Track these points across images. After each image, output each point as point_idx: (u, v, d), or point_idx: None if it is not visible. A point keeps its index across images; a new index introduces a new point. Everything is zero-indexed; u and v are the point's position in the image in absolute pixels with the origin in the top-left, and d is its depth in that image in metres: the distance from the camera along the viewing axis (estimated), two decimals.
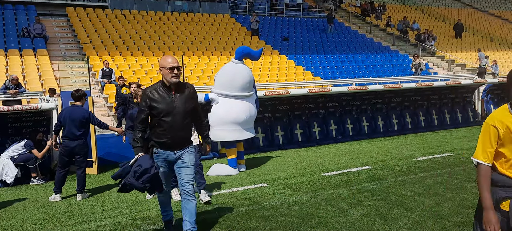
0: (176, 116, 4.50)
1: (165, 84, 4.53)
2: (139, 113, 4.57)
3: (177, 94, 4.54)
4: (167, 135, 4.53)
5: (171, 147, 4.61)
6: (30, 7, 20.33)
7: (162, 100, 4.48)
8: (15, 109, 8.63)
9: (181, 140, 4.63)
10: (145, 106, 4.52)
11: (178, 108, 4.51)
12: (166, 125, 4.50)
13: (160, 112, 4.47)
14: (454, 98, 14.53)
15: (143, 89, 4.70)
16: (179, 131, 4.55)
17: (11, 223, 5.93)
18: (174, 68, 4.44)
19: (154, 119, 4.54)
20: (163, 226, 5.31)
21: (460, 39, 29.62)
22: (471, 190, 6.47)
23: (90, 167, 9.02)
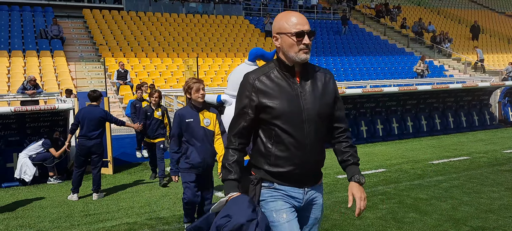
0: (308, 121, 2.43)
1: (283, 65, 2.46)
2: (236, 119, 2.53)
3: (305, 82, 2.47)
4: (292, 158, 2.44)
5: (299, 181, 2.51)
6: (47, 9, 20.68)
7: (281, 92, 2.42)
8: (33, 109, 8.77)
9: (316, 166, 2.58)
10: (249, 104, 2.44)
11: (310, 108, 2.43)
12: (289, 139, 2.41)
13: (279, 114, 2.41)
14: (470, 101, 14.33)
15: (247, 74, 2.52)
16: (312, 149, 2.46)
17: (29, 222, 6.03)
18: (304, 33, 2.39)
19: (266, 126, 2.46)
20: (178, 227, 5.35)
21: (476, 41, 29.21)
22: (489, 194, 6.38)
23: (106, 167, 9.12)
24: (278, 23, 2.44)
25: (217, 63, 18.89)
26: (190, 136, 4.92)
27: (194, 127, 4.91)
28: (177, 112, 5.01)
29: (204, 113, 5.00)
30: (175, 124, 4.97)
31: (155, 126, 8.18)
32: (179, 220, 5.78)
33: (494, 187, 6.78)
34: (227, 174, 2.49)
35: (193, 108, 4.96)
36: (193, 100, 4.95)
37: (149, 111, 8.18)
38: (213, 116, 5.08)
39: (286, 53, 2.41)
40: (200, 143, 4.93)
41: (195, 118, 4.93)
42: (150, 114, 8.17)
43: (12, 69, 15.51)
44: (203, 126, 4.96)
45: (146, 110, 8.21)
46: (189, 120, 4.92)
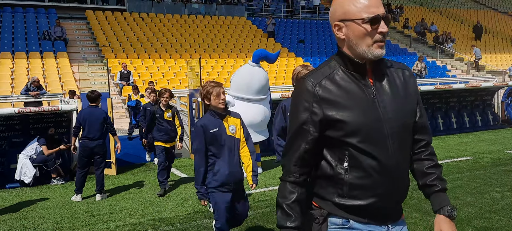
0: (392, 136, 1.83)
1: (351, 62, 1.86)
2: (293, 140, 1.89)
3: (381, 83, 1.88)
4: (374, 186, 1.84)
5: (381, 216, 1.91)
6: (50, 10, 20.75)
7: (352, 99, 1.82)
8: (36, 110, 8.81)
9: (403, 195, 2.00)
10: (310, 120, 1.83)
11: (392, 118, 1.84)
12: (369, 161, 1.81)
13: (353, 130, 1.80)
14: (473, 101, 14.30)
15: (302, 78, 1.90)
16: (399, 172, 1.89)
17: (33, 222, 6.06)
18: (380, 18, 1.79)
19: (335, 146, 1.85)
20: (181, 227, 5.36)
21: (479, 41, 29.14)
22: (492, 194, 6.37)
23: (109, 168, 9.15)
24: (342, 6, 1.81)
25: (220, 64, 18.91)
26: (217, 149, 4.13)
27: (220, 137, 4.13)
28: (198, 124, 4.17)
29: (228, 119, 4.26)
30: (198, 137, 4.13)
31: (166, 128, 7.40)
32: (182, 221, 5.80)
33: (497, 187, 6.77)
34: (286, 219, 1.83)
35: (216, 115, 4.18)
36: (213, 107, 4.16)
37: (158, 113, 7.31)
38: (237, 121, 4.34)
39: (355, 47, 1.80)
40: (228, 155, 4.16)
41: (220, 126, 4.16)
42: (159, 116, 7.33)
43: (15, 71, 15.57)
44: (229, 135, 4.20)
45: (154, 112, 7.36)
46: (213, 130, 4.12)
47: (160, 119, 7.42)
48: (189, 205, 6.54)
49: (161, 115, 7.41)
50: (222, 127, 4.16)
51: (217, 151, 4.11)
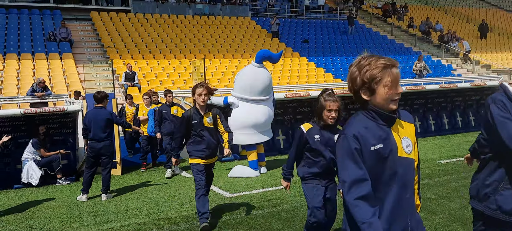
0: None
1: None
2: None
3: None
4: None
5: None
6: (56, 12, 20.86)
7: None
8: (42, 111, 8.86)
9: None
10: None
11: None
12: None
13: None
14: (479, 100, 14.22)
15: None
16: None
17: (39, 222, 6.10)
18: None
19: None
20: (186, 227, 5.38)
21: (485, 40, 29.00)
22: None
23: (114, 168, 9.19)
24: None
25: (224, 64, 18.94)
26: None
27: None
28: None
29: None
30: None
31: (208, 140, 5.80)
32: (186, 221, 5.82)
33: None
34: None
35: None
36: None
37: (195, 119, 5.45)
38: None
39: None
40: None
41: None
42: (198, 123, 5.47)
43: (21, 72, 15.67)
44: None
45: (190, 117, 5.44)
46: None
47: (198, 127, 5.37)
48: (194, 205, 6.53)
49: (200, 121, 5.37)
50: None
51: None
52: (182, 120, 5.47)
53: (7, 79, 15.00)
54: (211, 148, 5.46)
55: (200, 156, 5.40)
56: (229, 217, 5.85)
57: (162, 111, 9.03)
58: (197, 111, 5.40)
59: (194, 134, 5.40)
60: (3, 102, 12.51)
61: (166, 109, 8.98)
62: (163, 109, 9.05)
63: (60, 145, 9.20)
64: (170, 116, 8.91)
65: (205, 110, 5.43)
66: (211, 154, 5.50)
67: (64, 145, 9.27)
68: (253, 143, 8.55)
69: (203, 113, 5.42)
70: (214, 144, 5.48)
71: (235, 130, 8.59)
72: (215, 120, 5.52)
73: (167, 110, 8.97)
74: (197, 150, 5.39)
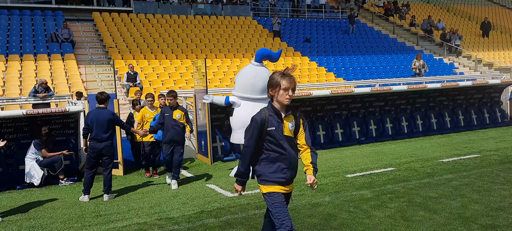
0: None
1: None
2: None
3: None
4: None
5: None
6: (58, 13, 20.91)
7: None
8: (44, 112, 8.89)
9: None
10: None
11: None
12: None
13: None
14: (481, 98, 14.20)
15: None
16: None
17: (41, 222, 6.12)
18: None
19: None
20: (188, 226, 5.40)
21: (487, 38, 28.91)
22: (499, 192, 6.33)
23: (116, 168, 9.21)
24: None
25: (226, 64, 18.95)
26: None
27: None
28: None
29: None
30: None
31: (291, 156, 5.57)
32: (188, 220, 5.83)
33: (504, 185, 6.73)
34: None
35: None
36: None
37: (272, 124, 4.04)
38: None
39: None
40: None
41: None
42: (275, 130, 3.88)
43: (24, 73, 15.72)
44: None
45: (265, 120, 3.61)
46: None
47: (277, 136, 3.65)
48: (195, 205, 6.58)
49: (280, 128, 3.66)
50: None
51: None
52: (255, 125, 3.65)
53: (9, 80, 15.05)
54: (294, 168, 3.72)
55: (279, 180, 3.66)
56: (230, 216, 5.87)
57: (164, 113, 8.00)
58: (274, 113, 3.66)
59: (270, 147, 3.65)
60: (6, 103, 12.55)
61: (168, 113, 7.95)
62: (165, 112, 8.00)
63: (62, 146, 9.23)
64: (171, 121, 7.86)
65: (287, 111, 3.69)
66: (293, 177, 3.74)
67: (66, 146, 9.31)
68: None
69: (284, 117, 3.66)
70: (297, 161, 3.75)
71: (236, 129, 8.60)
72: (297, 127, 3.74)
73: (169, 114, 7.95)
74: (274, 171, 3.65)
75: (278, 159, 3.66)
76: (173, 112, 7.92)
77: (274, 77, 3.70)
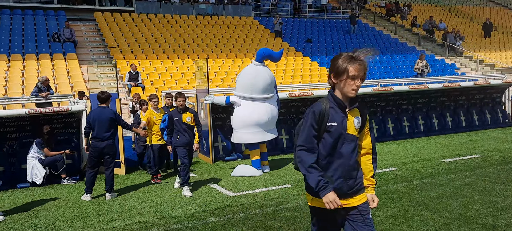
0: None
1: None
2: None
3: None
4: None
5: None
6: (60, 12, 20.95)
7: None
8: (46, 111, 8.92)
9: None
10: None
11: None
12: None
13: None
14: (482, 99, 14.20)
15: None
16: None
17: (44, 221, 6.15)
18: None
19: None
20: (189, 226, 5.41)
21: (489, 39, 28.88)
22: (501, 192, 6.34)
23: (118, 168, 9.24)
24: None
25: (227, 64, 18.96)
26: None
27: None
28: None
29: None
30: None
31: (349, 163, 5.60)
32: (190, 219, 5.85)
33: (506, 185, 6.74)
34: None
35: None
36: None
37: None
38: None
39: None
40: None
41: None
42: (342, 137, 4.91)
43: (26, 72, 15.75)
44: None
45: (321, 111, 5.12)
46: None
47: (338, 135, 2.91)
48: (197, 204, 6.59)
49: (343, 124, 2.93)
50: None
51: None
52: (311, 118, 2.89)
53: (11, 80, 15.09)
54: (352, 177, 2.92)
55: None
56: (232, 215, 5.88)
57: (172, 118, 7.57)
58: (337, 105, 2.92)
59: (324, 148, 2.90)
60: (8, 102, 12.59)
61: (176, 117, 7.49)
62: (173, 116, 7.55)
63: (64, 145, 9.26)
64: (182, 125, 7.45)
65: (351, 104, 2.97)
66: (350, 190, 2.92)
67: (68, 145, 9.34)
68: (257, 142, 8.58)
69: (348, 110, 2.95)
70: (356, 169, 2.96)
71: (237, 128, 8.63)
72: (363, 124, 3.01)
73: (179, 118, 7.49)
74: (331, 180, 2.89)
75: (332, 164, 2.87)
76: (182, 116, 7.46)
77: (340, 61, 2.89)
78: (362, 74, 2.85)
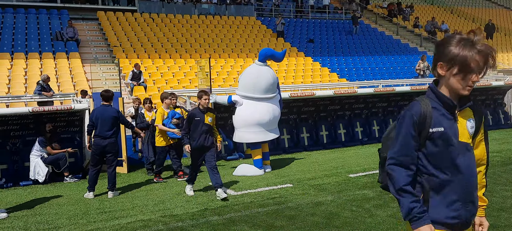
0: None
1: None
2: None
3: None
4: None
5: None
6: (63, 11, 21.03)
7: None
8: (49, 110, 8.98)
9: None
10: None
11: None
12: None
13: None
14: (484, 100, 14.21)
15: None
16: None
17: (47, 219, 6.20)
18: None
19: None
20: (191, 224, 5.45)
21: (491, 40, 28.86)
22: (501, 193, 6.36)
23: (121, 166, 9.29)
24: None
25: (229, 64, 19.01)
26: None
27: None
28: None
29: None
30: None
31: None
32: (192, 217, 5.89)
33: (506, 186, 6.76)
34: None
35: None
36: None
37: None
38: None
39: None
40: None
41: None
42: None
43: (29, 71, 15.82)
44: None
45: None
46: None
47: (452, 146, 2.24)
48: (199, 202, 6.64)
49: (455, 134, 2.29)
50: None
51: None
52: (406, 124, 2.25)
53: (14, 78, 15.16)
54: (473, 201, 2.31)
55: (446, 222, 2.24)
56: (233, 214, 5.92)
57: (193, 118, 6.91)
58: (443, 105, 2.26)
59: (430, 163, 2.26)
60: (12, 101, 12.66)
61: (199, 116, 6.88)
62: (195, 116, 6.92)
63: (67, 143, 9.31)
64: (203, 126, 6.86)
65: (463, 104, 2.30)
66: (471, 216, 2.34)
67: (71, 143, 9.39)
68: (258, 141, 8.62)
69: (458, 111, 2.29)
70: (476, 188, 2.38)
71: (239, 127, 8.67)
72: (478, 129, 2.37)
73: (201, 118, 6.87)
74: (437, 206, 2.24)
75: (445, 184, 2.21)
76: (204, 116, 6.86)
77: (452, 46, 2.25)
78: (484, 65, 2.20)
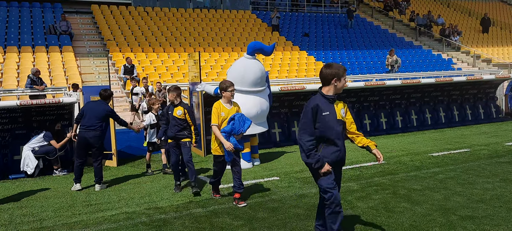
0: None
1: None
2: None
3: None
4: None
5: None
6: (56, 5, 20.98)
7: None
8: (38, 103, 8.99)
9: None
10: None
11: None
12: None
13: None
14: (476, 94, 14.25)
15: None
16: None
17: (33, 211, 6.24)
18: None
19: None
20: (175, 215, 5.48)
21: (487, 34, 28.88)
22: (483, 185, 6.42)
23: (110, 160, 9.32)
24: None
25: (224, 57, 19.01)
26: None
27: None
28: None
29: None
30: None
31: None
32: (176, 210, 5.94)
33: (489, 178, 6.82)
34: None
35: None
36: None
37: None
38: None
39: None
40: None
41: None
42: None
43: (21, 65, 15.82)
44: None
45: None
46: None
47: None
48: (184, 195, 6.68)
49: None
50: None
51: None
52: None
53: (7, 72, 15.15)
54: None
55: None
56: (217, 207, 5.97)
57: None
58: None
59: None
60: (3, 95, 12.66)
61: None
62: None
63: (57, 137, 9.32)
64: None
65: None
66: None
67: (60, 137, 9.40)
68: (246, 134, 8.63)
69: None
70: None
71: None
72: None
73: None
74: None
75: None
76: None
77: None
78: None
